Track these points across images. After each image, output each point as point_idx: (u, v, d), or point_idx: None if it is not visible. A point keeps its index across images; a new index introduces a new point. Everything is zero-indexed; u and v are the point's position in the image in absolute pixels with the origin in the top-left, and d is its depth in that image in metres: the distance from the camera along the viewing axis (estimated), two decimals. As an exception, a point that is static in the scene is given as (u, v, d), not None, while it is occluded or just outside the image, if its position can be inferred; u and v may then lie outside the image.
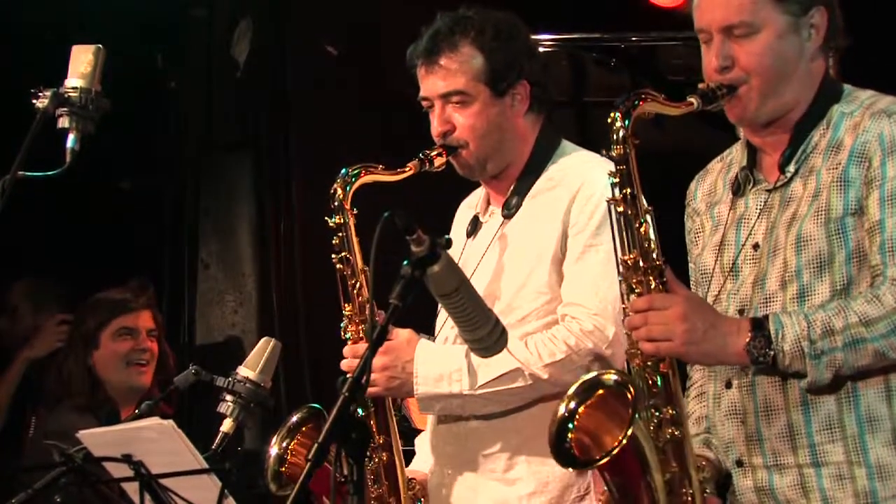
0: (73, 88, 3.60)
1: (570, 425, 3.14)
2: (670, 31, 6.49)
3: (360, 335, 3.82)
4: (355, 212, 3.83)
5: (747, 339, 3.05)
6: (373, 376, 3.71)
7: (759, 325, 3.05)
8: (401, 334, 3.81)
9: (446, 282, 3.50)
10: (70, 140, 3.60)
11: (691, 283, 3.39)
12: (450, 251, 3.14)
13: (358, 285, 3.83)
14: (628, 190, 3.14)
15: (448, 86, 3.84)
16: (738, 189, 3.31)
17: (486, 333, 3.64)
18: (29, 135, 3.55)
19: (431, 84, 3.86)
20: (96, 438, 3.76)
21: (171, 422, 3.68)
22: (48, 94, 3.59)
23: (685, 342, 3.04)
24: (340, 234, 3.83)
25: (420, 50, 3.88)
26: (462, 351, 3.77)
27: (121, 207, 6.75)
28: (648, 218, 3.14)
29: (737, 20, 3.16)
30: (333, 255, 3.84)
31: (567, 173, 3.88)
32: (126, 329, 5.43)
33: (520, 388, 3.74)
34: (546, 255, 3.82)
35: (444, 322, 3.95)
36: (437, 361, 3.79)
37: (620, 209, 3.14)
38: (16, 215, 3.58)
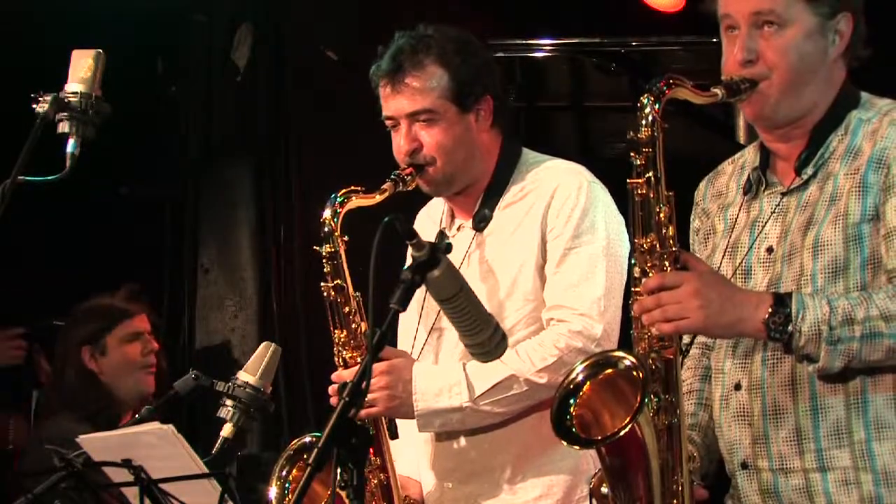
0: (73, 93, 3.60)
1: (573, 399, 3.11)
2: (671, 36, 6.50)
3: (357, 361, 3.78)
4: (346, 238, 3.80)
5: (767, 314, 3.02)
6: (373, 396, 3.70)
7: (781, 301, 3.03)
8: (397, 355, 3.81)
9: (447, 286, 3.51)
10: (70, 145, 3.59)
11: None
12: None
13: (351, 312, 3.80)
14: (651, 174, 3.09)
15: (415, 104, 3.82)
16: (749, 189, 3.29)
17: (486, 337, 3.65)
18: (29, 139, 3.54)
19: (397, 104, 3.84)
20: (96, 443, 3.75)
21: (171, 426, 3.67)
22: (48, 98, 3.58)
23: (703, 317, 3.01)
24: (333, 263, 3.79)
25: (383, 70, 3.85)
26: (459, 366, 3.78)
27: (121, 212, 6.75)
28: (669, 204, 3.10)
29: (767, 7, 3.14)
30: (323, 284, 3.80)
31: (539, 180, 3.89)
32: (134, 334, 5.40)
33: (518, 395, 3.75)
34: (529, 263, 3.83)
35: (415, 336, 3.94)
36: (435, 377, 3.78)
37: (642, 192, 3.09)
38: (16, 220, 3.58)
